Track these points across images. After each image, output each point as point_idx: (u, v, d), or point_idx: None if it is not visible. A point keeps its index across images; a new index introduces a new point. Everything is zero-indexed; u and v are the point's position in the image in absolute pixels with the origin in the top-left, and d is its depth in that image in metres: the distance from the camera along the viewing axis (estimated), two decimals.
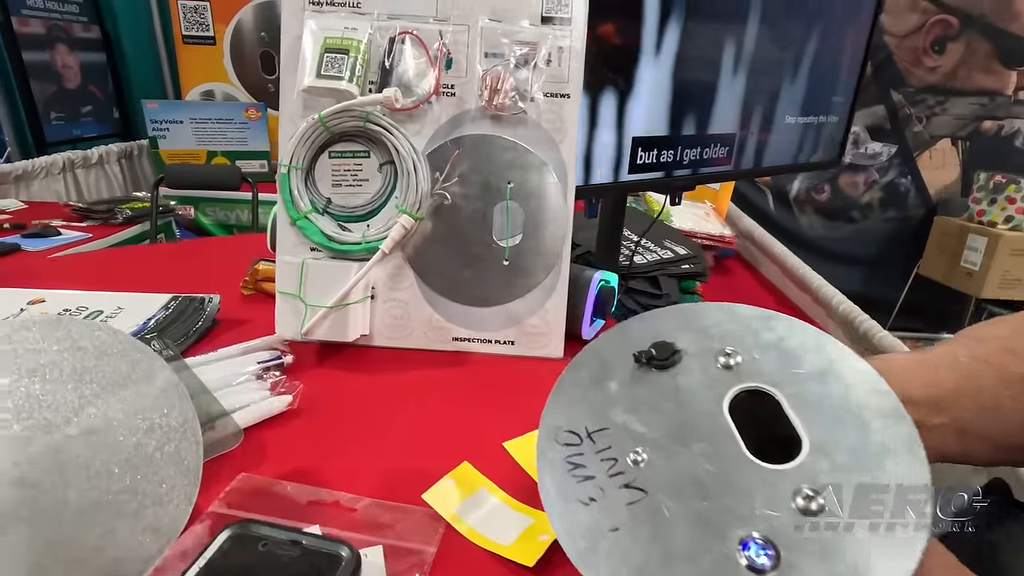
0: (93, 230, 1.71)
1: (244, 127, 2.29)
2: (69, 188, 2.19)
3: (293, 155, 0.44)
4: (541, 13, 0.44)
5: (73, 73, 2.38)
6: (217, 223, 2.17)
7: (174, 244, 0.71)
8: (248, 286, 0.55)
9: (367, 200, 0.45)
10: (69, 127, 2.38)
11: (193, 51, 2.35)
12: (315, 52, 0.43)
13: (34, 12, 2.20)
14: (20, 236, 1.61)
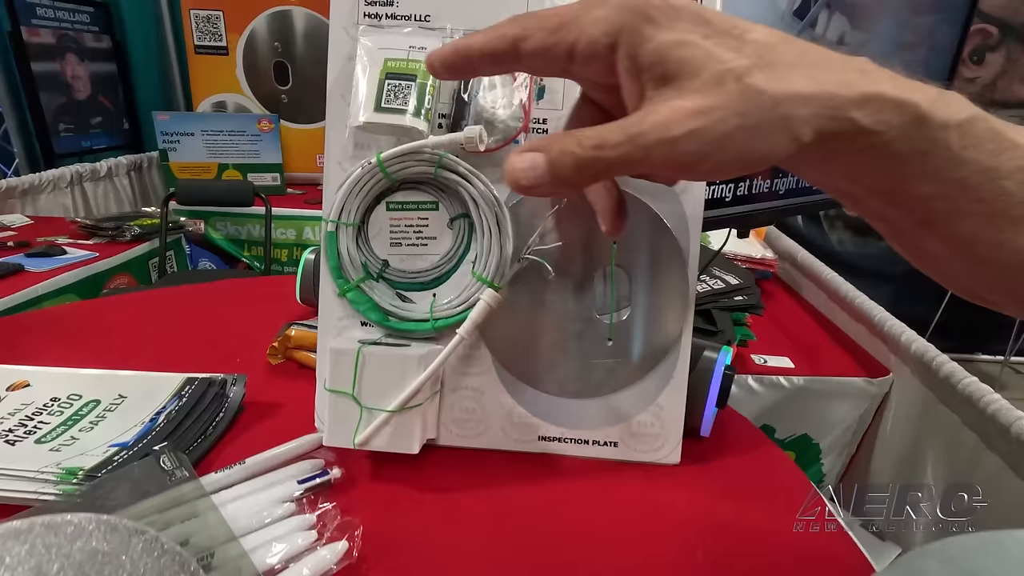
0: (100, 248, 1.63)
1: (256, 139, 2.21)
2: (77, 202, 2.12)
3: (344, 208, 0.34)
4: None
5: (83, 83, 2.31)
6: (228, 238, 2.09)
7: (186, 290, 0.61)
8: (277, 354, 0.46)
9: (434, 263, 0.36)
10: (78, 139, 2.31)
11: (205, 61, 2.28)
12: (373, 78, 0.33)
13: (44, 22, 2.14)
14: (24, 255, 1.53)
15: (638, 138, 0.19)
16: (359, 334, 0.36)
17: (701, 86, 0.18)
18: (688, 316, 0.36)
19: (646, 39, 0.19)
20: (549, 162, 0.20)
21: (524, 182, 0.20)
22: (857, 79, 0.18)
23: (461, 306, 0.34)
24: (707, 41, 0.19)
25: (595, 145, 0.20)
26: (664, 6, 0.20)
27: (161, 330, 0.53)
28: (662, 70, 0.19)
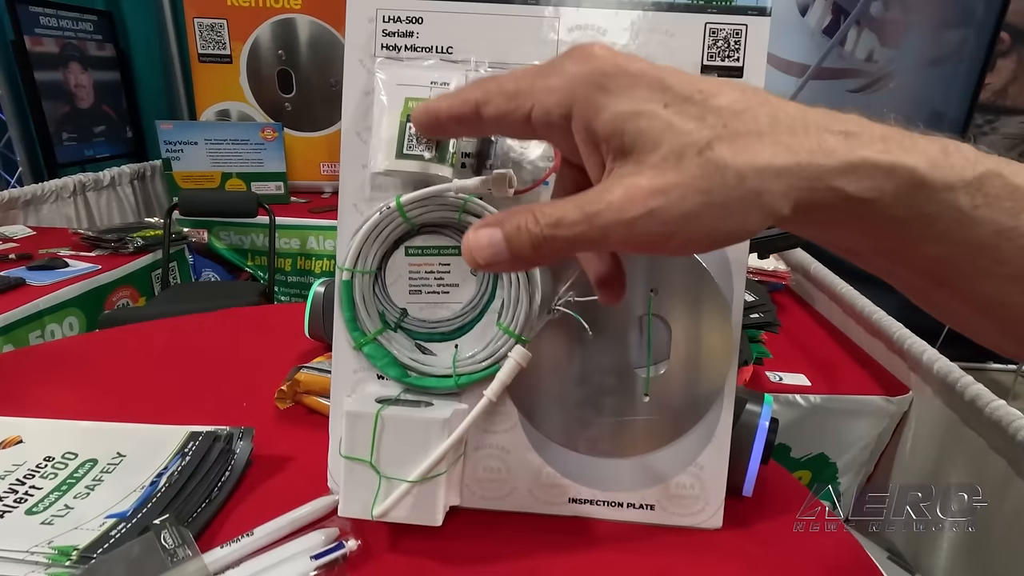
0: (102, 260, 1.61)
1: (260, 148, 2.20)
2: (80, 212, 2.10)
3: (360, 255, 0.32)
4: (701, 61, 0.32)
5: (86, 92, 2.30)
6: (231, 247, 2.08)
7: (188, 322, 0.59)
8: (285, 398, 0.43)
9: (456, 312, 0.33)
10: (81, 147, 2.30)
11: (209, 69, 2.27)
12: (393, 121, 0.31)
13: (47, 31, 2.12)
14: (26, 268, 1.51)
15: (595, 218, 0.18)
16: (376, 388, 0.33)
17: (660, 161, 0.17)
18: (732, 369, 0.33)
19: (600, 109, 0.18)
20: (506, 239, 0.19)
21: (481, 260, 0.19)
22: (839, 145, 0.16)
23: (486, 361, 0.32)
24: (666, 110, 0.17)
25: (551, 223, 0.18)
26: (619, 73, 0.18)
27: (163, 368, 0.50)
28: (619, 142, 0.18)
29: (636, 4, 0.31)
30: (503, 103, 0.20)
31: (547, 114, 0.19)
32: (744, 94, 0.17)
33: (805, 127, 0.17)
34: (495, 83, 0.21)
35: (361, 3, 0.32)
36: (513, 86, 0.20)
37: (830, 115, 0.17)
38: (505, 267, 0.20)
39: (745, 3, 0.31)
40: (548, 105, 0.19)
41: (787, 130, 0.17)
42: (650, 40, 0.32)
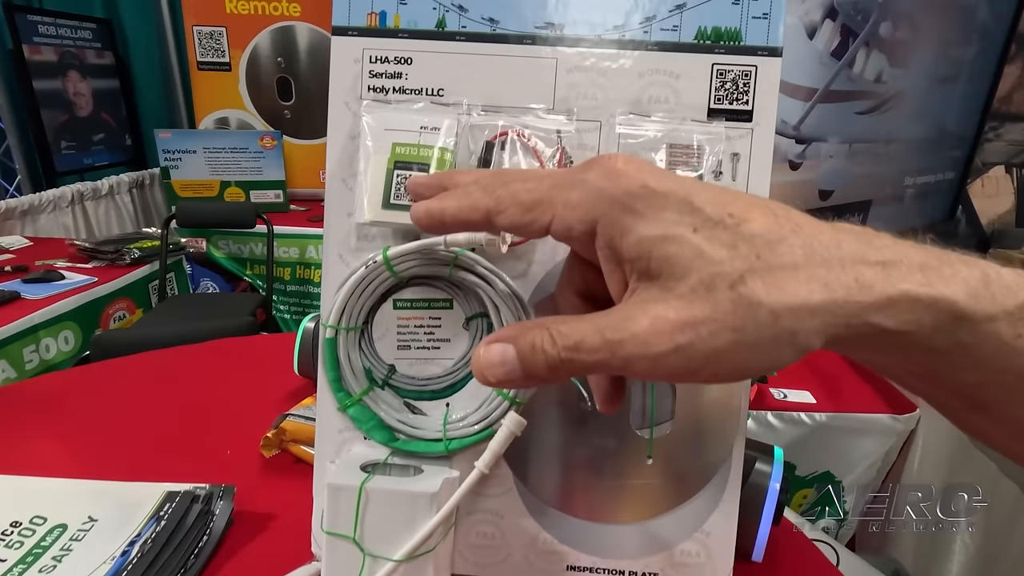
0: (99, 272, 1.59)
1: (259, 156, 2.18)
2: (78, 221, 2.09)
3: (344, 311, 0.30)
4: (709, 104, 0.30)
5: (85, 100, 2.29)
6: (230, 256, 2.06)
7: (173, 355, 0.57)
8: (271, 446, 0.41)
9: (447, 369, 0.31)
10: (80, 156, 2.29)
11: (208, 77, 2.26)
12: (380, 168, 0.29)
13: (46, 39, 2.11)
14: (21, 281, 1.50)
15: (617, 348, 0.17)
16: (362, 450, 0.31)
17: (689, 291, 0.16)
18: (740, 430, 0.31)
19: (627, 231, 0.17)
20: (520, 358, 0.18)
21: (492, 378, 0.18)
22: (877, 278, 0.16)
23: (479, 424, 0.30)
24: (696, 235, 0.17)
25: (570, 347, 0.17)
26: (646, 193, 0.17)
27: (143, 410, 0.48)
28: (645, 266, 0.17)
29: (638, 44, 0.30)
30: (518, 214, 0.19)
31: (568, 229, 0.18)
32: (777, 219, 0.17)
33: (841, 259, 0.16)
34: (507, 191, 0.19)
35: (346, 42, 0.30)
36: (529, 197, 0.19)
37: (865, 240, 0.16)
38: (518, 386, 0.20)
39: (755, 43, 0.29)
40: (570, 220, 0.18)
41: (822, 262, 0.16)
42: (654, 82, 0.30)
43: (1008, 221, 2.61)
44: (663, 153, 0.29)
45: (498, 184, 0.20)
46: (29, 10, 2.11)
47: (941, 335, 0.15)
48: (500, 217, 0.19)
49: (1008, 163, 2.57)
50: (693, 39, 0.29)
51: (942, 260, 0.16)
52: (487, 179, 0.21)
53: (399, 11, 0.30)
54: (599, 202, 0.18)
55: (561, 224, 0.18)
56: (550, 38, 0.30)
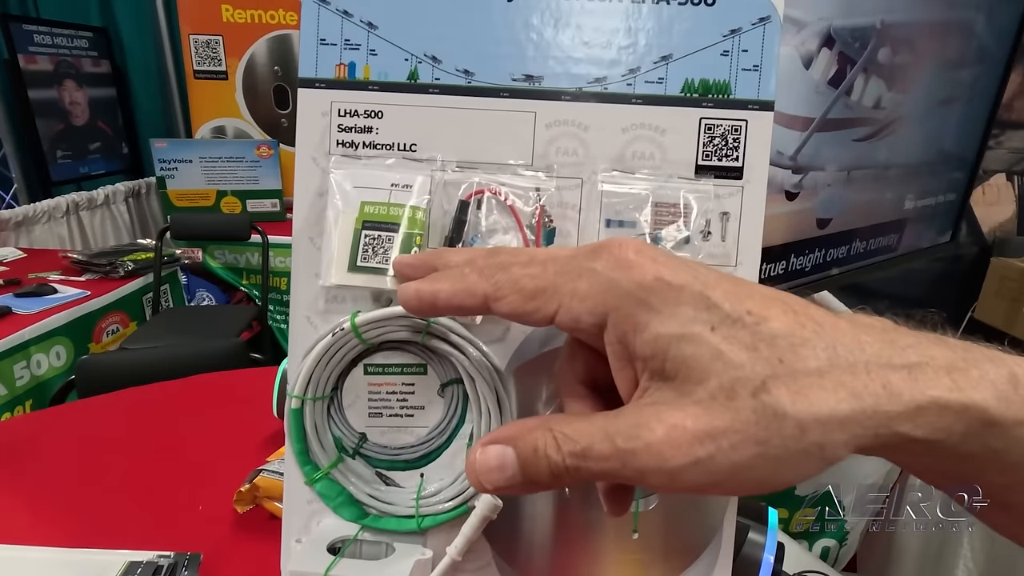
0: (92, 285, 1.58)
1: (255, 165, 2.17)
2: (73, 231, 2.08)
3: (311, 380, 0.28)
4: (696, 160, 0.28)
5: (81, 109, 2.28)
6: (226, 266, 2.05)
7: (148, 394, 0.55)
8: (244, 501, 0.40)
9: (421, 438, 0.30)
10: (76, 165, 2.27)
11: (205, 86, 2.25)
12: (347, 228, 0.27)
13: (42, 49, 2.10)
14: (13, 296, 1.48)
15: (630, 458, 0.15)
16: (332, 523, 0.30)
17: (708, 397, 0.15)
18: (731, 502, 0.29)
19: (641, 327, 0.16)
20: (521, 463, 0.17)
21: (489, 485, 0.17)
22: (904, 384, 0.15)
23: (454, 500, 0.28)
24: (714, 335, 0.16)
25: (576, 453, 0.16)
26: (661, 287, 0.16)
27: (113, 457, 0.46)
28: (660, 365, 0.16)
29: (621, 97, 0.28)
30: (520, 302, 0.18)
31: (575, 321, 0.17)
32: (797, 318, 0.16)
33: (866, 363, 0.15)
34: (507, 277, 0.18)
35: (313, 95, 0.28)
36: (532, 284, 0.18)
37: (888, 340, 0.16)
38: (517, 492, 0.18)
39: (745, 96, 0.28)
40: (577, 312, 0.17)
41: (847, 367, 0.15)
42: (638, 137, 0.28)
43: (1010, 229, 2.59)
44: (648, 212, 0.28)
45: (495, 268, 0.19)
46: (25, 20, 2.10)
47: (970, 441, 0.15)
48: (499, 304, 0.18)
49: (1009, 171, 2.55)
50: (680, 92, 0.28)
51: (968, 360, 0.15)
52: (482, 261, 0.19)
53: (369, 62, 0.28)
54: (610, 294, 0.17)
55: (568, 315, 0.17)
56: (528, 91, 0.28)
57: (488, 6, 0.28)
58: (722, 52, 0.27)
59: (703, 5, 0.27)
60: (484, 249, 0.22)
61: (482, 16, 0.28)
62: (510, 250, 0.20)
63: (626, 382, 0.17)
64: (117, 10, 2.36)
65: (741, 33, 0.27)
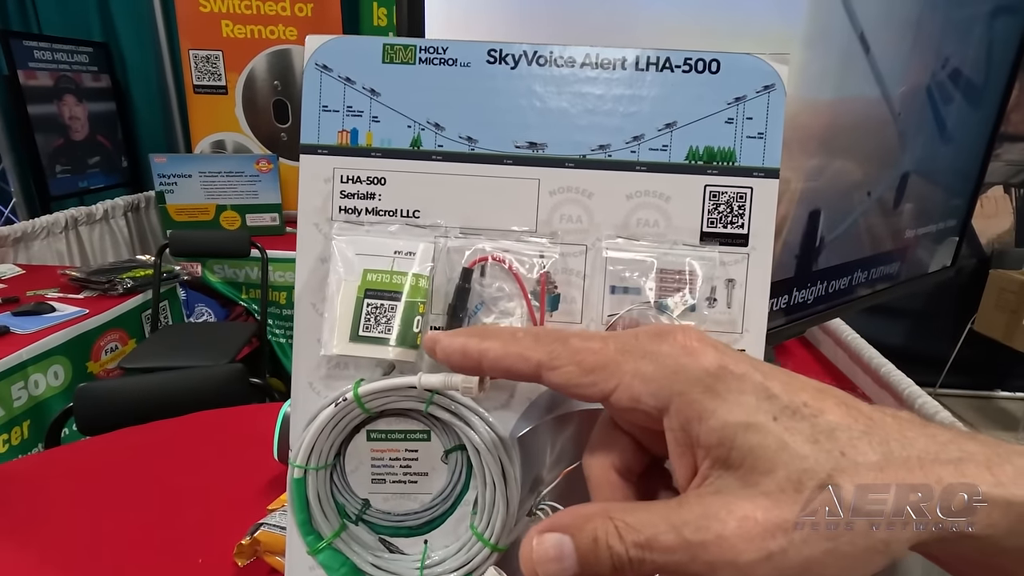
0: (90, 303, 1.57)
1: (255, 179, 2.17)
2: (72, 247, 2.08)
3: (313, 450, 0.28)
4: (701, 227, 0.28)
5: (81, 124, 2.28)
6: (225, 281, 2.05)
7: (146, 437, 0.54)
8: (244, 554, 0.39)
9: (425, 504, 0.29)
10: (75, 179, 2.28)
11: (204, 101, 2.25)
12: (349, 297, 0.27)
13: (42, 64, 2.11)
14: (11, 315, 1.48)
15: (699, 550, 0.15)
16: None
17: (776, 489, 0.15)
18: None
19: (707, 415, 0.16)
20: (580, 554, 0.16)
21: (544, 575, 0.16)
22: (954, 479, 0.15)
23: (458, 572, 0.28)
24: (777, 425, 0.16)
25: (640, 543, 0.15)
26: (725, 374, 0.16)
27: (108, 505, 0.46)
28: (724, 454, 0.16)
29: (625, 164, 0.28)
30: (576, 375, 0.18)
31: (635, 400, 0.17)
32: (849, 412, 0.16)
33: (918, 459, 0.15)
34: (565, 348, 0.18)
35: (315, 161, 0.28)
36: (593, 359, 0.17)
37: (928, 435, 0.16)
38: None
39: (750, 163, 0.28)
40: (638, 393, 0.17)
41: (902, 463, 0.15)
42: (643, 204, 0.28)
43: (1008, 241, 2.60)
44: (653, 279, 0.28)
45: (551, 336, 0.18)
46: (25, 36, 2.11)
47: (1012, 536, 0.15)
48: (553, 374, 0.18)
49: (1007, 183, 2.56)
50: (684, 159, 0.28)
51: (1001, 455, 0.16)
52: (536, 328, 0.20)
53: (372, 129, 0.28)
54: (676, 379, 0.17)
55: (627, 394, 0.17)
56: (532, 158, 0.28)
57: (491, 74, 0.28)
58: (727, 120, 0.27)
59: (707, 73, 0.27)
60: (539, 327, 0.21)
61: (485, 84, 0.28)
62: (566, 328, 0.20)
63: (684, 469, 0.17)
64: (118, 25, 2.37)
65: (746, 101, 0.27)
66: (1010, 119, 2.51)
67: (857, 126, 0.58)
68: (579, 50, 0.28)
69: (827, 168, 0.54)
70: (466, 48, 0.28)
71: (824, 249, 0.58)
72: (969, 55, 0.70)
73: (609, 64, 0.28)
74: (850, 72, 0.54)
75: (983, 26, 0.71)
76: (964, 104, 0.73)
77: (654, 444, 0.19)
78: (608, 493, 0.20)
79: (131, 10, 2.32)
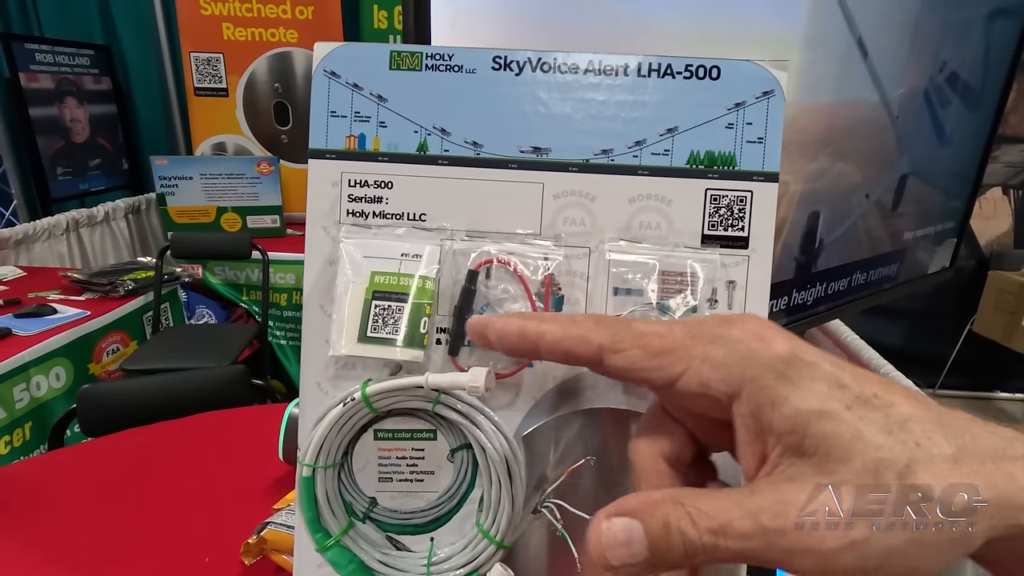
0: (92, 305, 1.58)
1: (255, 181, 2.18)
2: (73, 249, 2.08)
3: (322, 449, 0.28)
4: (702, 230, 0.28)
5: (82, 127, 2.29)
6: (226, 283, 2.05)
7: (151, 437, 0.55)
8: (251, 553, 0.40)
9: (431, 502, 0.30)
10: (76, 181, 2.28)
11: (205, 103, 2.26)
12: (357, 299, 0.28)
13: (43, 67, 2.12)
14: (13, 316, 1.48)
15: (776, 537, 0.15)
16: None
17: (853, 477, 0.15)
18: (742, 569, 0.30)
19: (780, 401, 0.16)
20: (650, 539, 0.15)
21: (615, 561, 0.16)
22: (1021, 473, 0.15)
23: (464, 569, 0.28)
24: (851, 414, 0.16)
25: (714, 530, 0.15)
26: (796, 361, 0.16)
27: (116, 506, 0.46)
28: (798, 441, 0.16)
29: (628, 168, 0.28)
30: (641, 359, 0.17)
31: (704, 386, 0.17)
32: (919, 404, 0.16)
33: (991, 453, 0.15)
34: (629, 331, 0.18)
35: (324, 166, 0.29)
36: (659, 343, 0.17)
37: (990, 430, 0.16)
38: (641, 573, 0.16)
39: (750, 168, 0.28)
40: (708, 378, 0.17)
41: (973, 456, 0.15)
42: (645, 207, 0.28)
43: (1007, 243, 2.60)
44: (655, 281, 0.28)
45: (614, 321, 0.18)
46: (27, 38, 2.11)
47: None
48: (616, 357, 0.18)
49: (1005, 184, 2.57)
50: (685, 164, 0.28)
51: None
52: (596, 314, 0.19)
53: (379, 134, 0.29)
54: (748, 364, 0.16)
55: (696, 379, 0.17)
56: (536, 162, 0.28)
57: (496, 80, 0.28)
58: (727, 125, 0.28)
59: (708, 79, 0.28)
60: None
61: (490, 90, 0.28)
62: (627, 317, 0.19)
63: (752, 457, 0.17)
64: (119, 28, 2.37)
65: (746, 106, 0.28)
66: (1008, 121, 2.52)
67: (855, 129, 0.59)
68: (582, 57, 0.28)
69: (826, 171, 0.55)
70: (472, 55, 0.28)
71: (823, 251, 0.59)
72: (967, 58, 0.71)
73: (612, 71, 0.28)
74: (848, 76, 0.54)
75: (980, 29, 0.72)
76: (962, 107, 0.73)
77: (708, 433, 0.19)
78: (656, 482, 0.19)
79: (132, 13, 2.33)
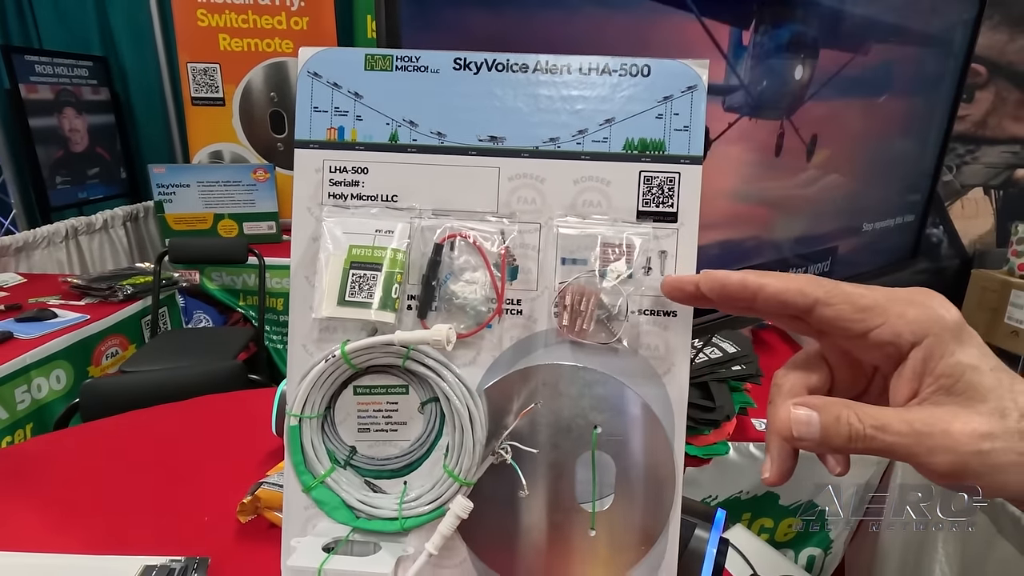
0: (91, 309, 1.61)
1: (252, 188, 2.22)
2: (72, 256, 2.12)
3: (307, 401, 0.32)
4: (637, 207, 0.33)
5: (80, 136, 2.33)
6: (223, 288, 2.09)
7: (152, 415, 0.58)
8: (247, 512, 0.44)
9: (404, 450, 0.34)
10: (75, 190, 2.32)
11: (202, 112, 2.31)
12: (336, 268, 0.32)
13: (43, 78, 2.16)
14: (14, 321, 1.51)
15: (925, 439, 0.21)
16: (326, 526, 0.34)
17: (988, 412, 0.21)
18: (676, 503, 0.34)
19: (950, 353, 0.22)
20: (823, 426, 0.22)
21: (796, 433, 0.22)
22: None
23: (432, 504, 0.32)
24: (992, 373, 0.21)
25: (875, 426, 0.21)
26: (965, 327, 0.22)
27: (122, 474, 0.50)
28: (951, 383, 0.21)
29: (572, 154, 0.33)
30: (849, 311, 0.23)
31: (895, 336, 0.22)
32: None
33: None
34: (840, 289, 0.23)
35: (308, 154, 0.33)
36: (864, 301, 0.23)
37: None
38: (810, 447, 0.22)
39: (678, 152, 0.33)
40: (901, 330, 0.22)
41: None
42: (587, 188, 0.33)
43: (989, 242, 2.66)
44: (597, 251, 0.32)
45: (826, 280, 0.24)
46: (27, 51, 2.16)
47: None
48: (828, 309, 0.23)
49: (986, 185, 2.63)
50: (622, 149, 0.32)
51: None
52: (816, 278, 0.24)
53: (356, 126, 0.33)
54: (936, 324, 0.22)
55: (890, 331, 0.22)
56: (493, 149, 0.33)
57: (457, 79, 0.33)
58: (657, 115, 0.32)
59: (640, 76, 0.32)
60: None
61: (452, 87, 0.32)
62: None
63: (905, 390, 0.22)
64: (118, 40, 2.42)
65: (673, 99, 0.32)
66: (987, 123, 2.58)
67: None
68: (532, 57, 0.33)
69: None
70: (435, 57, 0.33)
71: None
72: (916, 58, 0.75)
73: (557, 70, 0.33)
74: None
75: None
76: None
77: (848, 376, 0.25)
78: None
79: (130, 25, 2.38)
